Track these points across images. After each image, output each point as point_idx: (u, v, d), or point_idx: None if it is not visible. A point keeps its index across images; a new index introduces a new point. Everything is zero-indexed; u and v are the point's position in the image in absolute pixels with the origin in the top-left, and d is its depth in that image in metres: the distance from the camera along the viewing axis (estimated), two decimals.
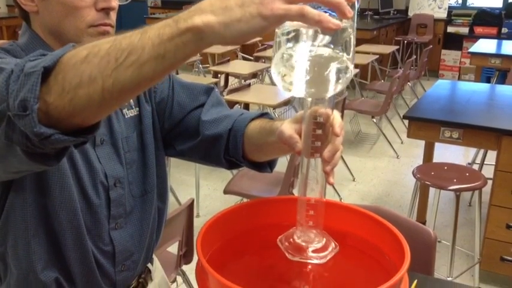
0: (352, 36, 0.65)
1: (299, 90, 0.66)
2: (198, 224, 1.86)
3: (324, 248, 0.80)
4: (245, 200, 2.75)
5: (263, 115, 1.01)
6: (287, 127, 0.82)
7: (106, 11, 0.86)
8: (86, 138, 0.65)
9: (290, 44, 0.63)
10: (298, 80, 0.65)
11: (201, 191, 3.50)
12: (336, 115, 0.77)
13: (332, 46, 0.63)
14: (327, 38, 0.62)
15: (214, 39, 0.57)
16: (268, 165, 1.02)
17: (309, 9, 0.56)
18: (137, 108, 1.00)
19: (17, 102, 0.59)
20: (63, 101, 0.60)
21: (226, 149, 1.00)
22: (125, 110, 0.98)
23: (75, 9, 0.84)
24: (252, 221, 0.91)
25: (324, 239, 0.81)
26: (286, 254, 0.79)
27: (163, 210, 1.08)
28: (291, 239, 0.81)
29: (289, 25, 0.63)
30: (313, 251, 0.79)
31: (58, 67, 0.60)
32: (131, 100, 0.99)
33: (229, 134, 0.99)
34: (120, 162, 0.96)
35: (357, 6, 0.65)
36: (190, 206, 1.85)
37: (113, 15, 0.88)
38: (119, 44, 0.59)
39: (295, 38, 0.63)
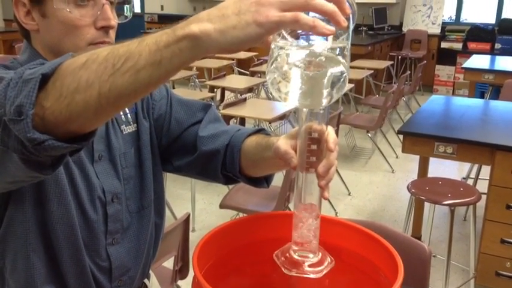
0: (347, 46, 0.66)
1: (294, 100, 0.67)
2: (194, 238, 1.86)
3: (319, 263, 0.80)
4: (241, 214, 2.75)
5: (260, 131, 1.03)
6: (283, 143, 0.84)
7: (105, 29, 0.88)
8: (81, 146, 0.65)
9: (284, 52, 0.64)
10: (294, 90, 0.65)
11: (196, 205, 3.50)
12: (330, 131, 0.78)
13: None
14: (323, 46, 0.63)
15: (210, 46, 0.58)
16: (265, 181, 1.03)
17: (303, 15, 0.57)
18: (135, 125, 1.01)
19: (13, 107, 0.60)
20: (60, 106, 0.61)
21: (223, 164, 1.01)
22: (123, 126, 0.99)
23: (75, 28, 0.86)
24: (248, 236, 0.92)
25: (320, 254, 0.81)
26: (283, 269, 0.80)
27: (160, 226, 1.08)
28: (287, 254, 0.81)
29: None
30: (309, 266, 0.79)
31: (56, 74, 0.61)
32: (129, 116, 1.00)
33: (226, 149, 1.00)
34: (118, 177, 0.97)
35: (351, 20, 0.66)
36: (186, 221, 1.85)
37: (112, 34, 0.90)
38: (117, 51, 0.60)
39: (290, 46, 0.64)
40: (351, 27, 0.67)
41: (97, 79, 0.59)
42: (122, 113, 0.99)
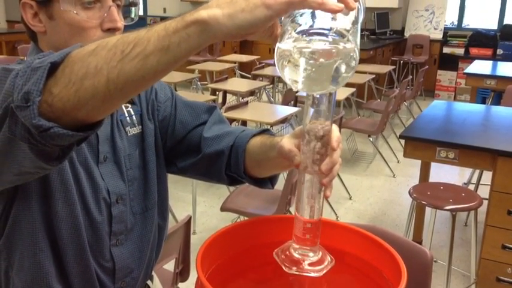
0: (357, 28, 0.66)
1: (304, 86, 0.66)
2: (194, 241, 1.86)
3: (320, 262, 0.80)
4: (242, 217, 2.75)
5: (264, 131, 1.03)
6: (287, 142, 0.84)
7: (112, 31, 0.88)
8: (87, 134, 0.65)
9: (294, 34, 0.64)
10: (303, 75, 0.65)
11: (197, 207, 3.50)
12: (334, 129, 0.78)
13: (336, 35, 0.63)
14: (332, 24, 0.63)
15: (218, 30, 0.59)
16: (269, 181, 1.03)
17: None
18: (140, 126, 1.02)
19: (20, 94, 0.61)
20: (69, 92, 0.61)
21: (228, 165, 1.01)
22: (128, 128, 1.00)
23: (82, 30, 0.86)
24: (251, 239, 0.92)
25: (320, 253, 0.82)
26: (283, 267, 0.80)
27: (163, 228, 1.08)
28: (287, 252, 0.82)
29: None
30: (310, 264, 0.80)
31: (66, 61, 0.62)
32: (134, 118, 1.01)
33: (231, 150, 1.00)
34: (122, 179, 0.97)
35: (361, 12, 0.66)
36: (188, 223, 1.85)
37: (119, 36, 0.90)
38: (126, 38, 0.61)
39: (300, 26, 0.64)
40: (360, 19, 0.67)
41: (106, 65, 0.60)
42: (127, 115, 1.00)
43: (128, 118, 1.00)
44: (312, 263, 0.80)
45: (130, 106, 1.01)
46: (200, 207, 3.59)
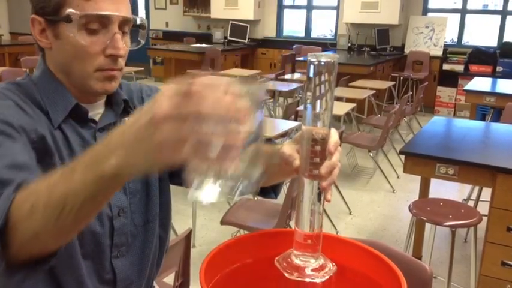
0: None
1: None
2: (194, 254, 1.86)
3: (321, 267, 0.81)
4: (242, 231, 2.75)
5: (267, 141, 1.03)
6: (287, 147, 0.85)
7: (114, 57, 0.90)
8: (46, 265, 0.69)
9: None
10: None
11: (197, 220, 3.50)
12: (332, 133, 0.80)
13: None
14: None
15: (130, 176, 0.61)
16: (272, 191, 1.05)
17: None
18: None
19: None
20: (21, 246, 0.66)
21: None
22: None
23: (85, 53, 0.88)
24: (254, 253, 0.92)
25: (322, 259, 0.82)
26: (285, 273, 0.80)
27: (164, 239, 1.09)
28: (289, 259, 0.82)
29: None
30: (312, 270, 0.80)
31: (10, 222, 0.65)
32: None
33: None
34: (124, 192, 0.98)
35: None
36: (188, 236, 1.85)
37: (122, 61, 0.92)
38: (54, 195, 0.63)
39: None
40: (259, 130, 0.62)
41: (44, 227, 0.64)
42: None
43: None
44: (314, 269, 0.80)
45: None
46: (200, 220, 3.59)
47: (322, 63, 0.74)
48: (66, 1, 0.86)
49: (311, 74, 0.75)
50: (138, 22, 0.94)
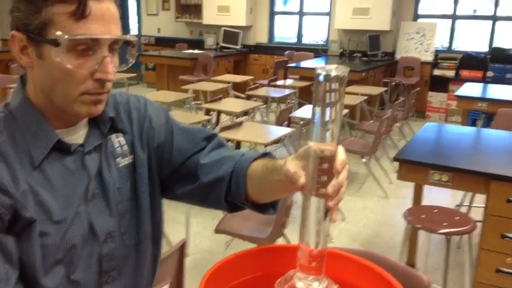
0: None
1: None
2: (188, 263, 1.84)
3: None
4: (236, 239, 2.73)
5: (265, 155, 0.99)
6: (292, 164, 0.80)
7: (102, 81, 0.85)
8: None
9: None
10: None
11: (191, 229, 3.47)
12: (340, 150, 0.76)
13: None
14: None
15: None
16: (271, 207, 0.99)
17: None
18: (131, 156, 0.99)
19: None
20: None
21: (228, 192, 0.98)
22: (118, 159, 0.96)
23: (71, 78, 0.83)
24: (254, 269, 0.91)
25: (326, 282, 0.79)
26: None
27: (157, 255, 1.06)
28: (291, 282, 0.79)
29: None
30: None
31: None
32: (125, 148, 0.98)
33: (231, 176, 0.97)
34: (111, 214, 0.94)
35: None
36: (182, 248, 1.83)
37: (109, 85, 0.87)
38: None
39: None
40: None
41: None
42: (117, 145, 0.97)
43: (118, 149, 0.97)
44: None
45: (121, 135, 0.98)
46: (193, 228, 3.56)
47: (332, 75, 0.73)
48: (52, 21, 0.79)
49: (320, 88, 0.73)
50: (129, 39, 0.88)
